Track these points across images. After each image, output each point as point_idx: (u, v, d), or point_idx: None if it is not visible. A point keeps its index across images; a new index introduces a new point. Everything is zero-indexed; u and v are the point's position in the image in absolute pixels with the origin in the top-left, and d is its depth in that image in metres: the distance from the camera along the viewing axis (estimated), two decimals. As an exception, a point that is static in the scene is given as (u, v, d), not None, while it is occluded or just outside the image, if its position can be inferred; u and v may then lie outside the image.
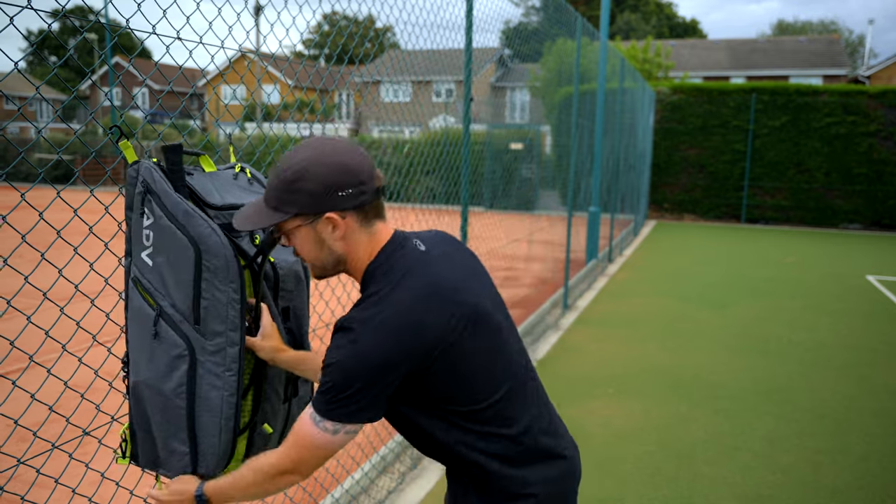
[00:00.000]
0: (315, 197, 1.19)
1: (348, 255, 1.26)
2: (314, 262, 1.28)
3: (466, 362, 1.22)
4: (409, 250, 1.26)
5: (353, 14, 2.88)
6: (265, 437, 1.52)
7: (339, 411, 1.17)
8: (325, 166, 1.19)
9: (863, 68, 28.39)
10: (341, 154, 1.21)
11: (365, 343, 1.14)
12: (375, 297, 1.19)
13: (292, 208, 1.21)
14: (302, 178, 1.19)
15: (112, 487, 2.97)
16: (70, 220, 1.46)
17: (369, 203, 1.23)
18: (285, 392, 1.56)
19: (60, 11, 1.48)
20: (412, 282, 1.20)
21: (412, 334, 1.16)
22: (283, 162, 1.23)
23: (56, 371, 1.56)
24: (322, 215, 1.21)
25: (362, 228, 1.25)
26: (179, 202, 1.32)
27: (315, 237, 1.24)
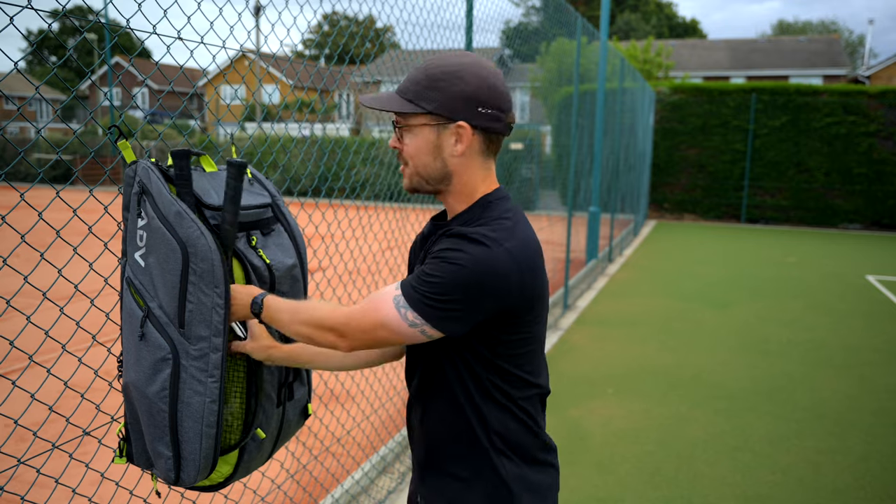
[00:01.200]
0: (456, 101, 1.18)
1: (457, 175, 1.23)
2: (421, 169, 1.24)
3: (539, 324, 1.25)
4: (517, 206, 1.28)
5: (354, 14, 2.88)
6: (259, 443, 1.51)
7: (433, 311, 1.13)
8: (477, 77, 1.18)
9: (863, 68, 28.39)
10: (493, 76, 1.20)
11: (494, 258, 1.12)
12: (505, 225, 1.18)
13: (429, 105, 1.19)
14: (450, 79, 1.18)
15: (112, 487, 2.97)
16: (69, 220, 1.46)
17: (498, 133, 1.23)
18: (279, 396, 1.55)
19: (60, 11, 1.48)
20: (530, 233, 1.23)
21: (531, 272, 1.17)
22: (433, 61, 1.21)
23: (56, 371, 1.56)
24: (454, 122, 1.19)
25: (481, 156, 1.24)
26: (172, 203, 1.31)
27: (435, 142, 1.21)
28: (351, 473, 3.14)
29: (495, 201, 1.24)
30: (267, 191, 1.59)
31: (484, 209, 1.23)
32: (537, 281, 1.20)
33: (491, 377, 1.23)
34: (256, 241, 1.48)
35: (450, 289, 1.12)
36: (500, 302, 1.15)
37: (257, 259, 1.46)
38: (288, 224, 1.59)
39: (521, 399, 1.27)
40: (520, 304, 1.18)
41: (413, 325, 1.14)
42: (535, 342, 1.26)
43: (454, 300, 1.12)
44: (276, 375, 1.53)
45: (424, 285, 1.13)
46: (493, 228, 1.17)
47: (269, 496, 2.97)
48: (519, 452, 1.27)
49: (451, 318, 1.14)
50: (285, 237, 1.56)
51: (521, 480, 1.26)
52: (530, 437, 1.28)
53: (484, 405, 1.24)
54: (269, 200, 1.57)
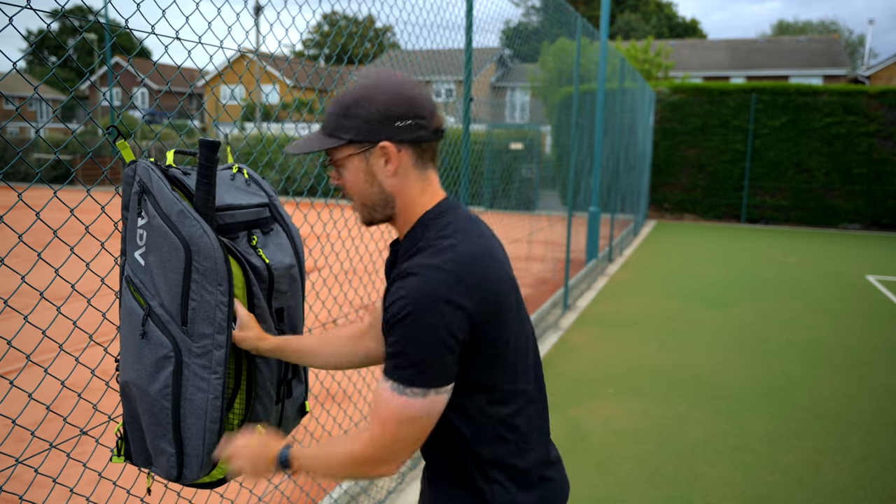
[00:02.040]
0: (371, 123, 1.15)
1: (399, 196, 1.21)
2: (365, 199, 1.22)
3: (507, 338, 1.18)
4: (465, 213, 1.23)
5: (353, 14, 2.88)
6: None
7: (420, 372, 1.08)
8: (386, 94, 1.15)
9: (863, 68, 28.39)
10: (403, 85, 1.17)
11: (439, 286, 1.07)
12: (444, 244, 1.14)
13: (347, 134, 1.17)
14: (360, 103, 1.16)
15: (110, 487, 2.97)
16: (66, 219, 1.46)
17: (426, 141, 1.19)
18: (278, 393, 1.55)
19: (60, 11, 1.48)
20: (475, 241, 1.17)
21: (481, 287, 1.11)
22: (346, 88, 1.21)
23: (53, 371, 1.56)
24: (376, 145, 1.16)
25: (416, 169, 1.20)
26: (175, 202, 1.31)
27: (366, 169, 1.19)
28: (350, 474, 3.14)
29: (434, 218, 1.20)
30: (263, 191, 1.60)
31: (424, 229, 1.19)
32: (491, 289, 1.13)
33: (473, 400, 1.19)
34: (257, 241, 1.48)
35: (416, 342, 1.08)
36: (465, 324, 1.11)
37: (257, 259, 1.46)
38: (286, 224, 1.59)
39: (509, 416, 1.23)
40: (484, 319, 1.13)
41: (424, 395, 1.10)
42: (511, 351, 1.20)
43: (427, 348, 1.08)
44: (274, 372, 1.53)
45: (400, 358, 1.09)
46: (430, 253, 1.13)
47: (266, 496, 2.97)
48: (510, 476, 1.24)
49: (442, 365, 1.10)
50: (283, 237, 1.57)
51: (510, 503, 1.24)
52: (520, 458, 1.25)
53: (471, 433, 1.21)
54: (267, 200, 1.57)
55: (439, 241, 1.15)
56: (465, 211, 1.25)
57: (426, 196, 1.22)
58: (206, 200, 1.34)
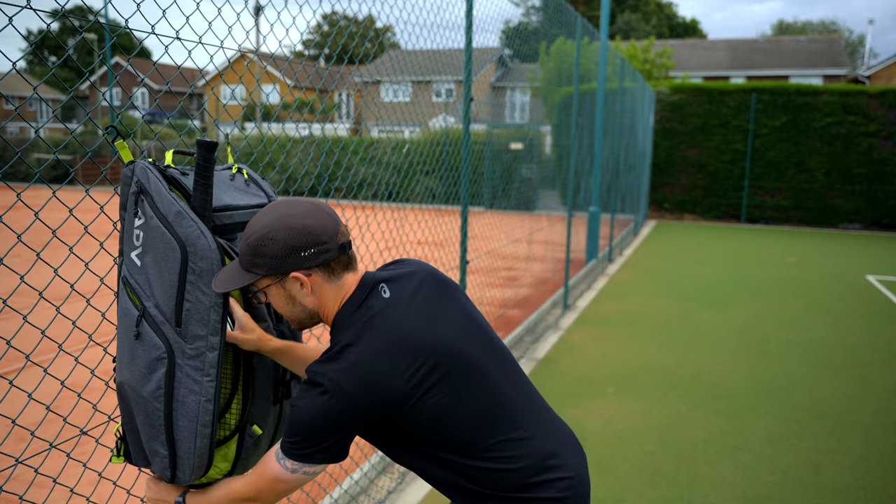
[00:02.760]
0: (278, 259, 1.26)
1: (320, 309, 1.33)
2: (292, 317, 1.34)
3: (442, 405, 1.25)
4: (374, 298, 1.30)
5: (353, 14, 2.88)
6: (255, 439, 1.51)
7: (297, 452, 1.23)
8: (286, 230, 1.25)
9: (863, 68, 28.39)
10: (302, 217, 1.26)
11: (321, 399, 1.20)
12: (336, 349, 1.24)
13: (260, 270, 1.27)
14: (265, 242, 1.25)
15: (110, 487, 2.97)
16: (65, 219, 1.45)
17: (334, 259, 1.29)
18: (275, 393, 1.54)
19: (60, 11, 1.47)
20: (372, 335, 1.25)
21: (367, 392, 1.20)
22: (249, 227, 1.29)
23: (53, 371, 1.56)
24: (288, 275, 1.27)
25: (329, 283, 1.30)
26: (173, 202, 1.31)
27: (286, 294, 1.30)
28: (350, 474, 3.14)
29: (339, 320, 1.30)
30: (263, 191, 1.59)
31: (334, 333, 1.30)
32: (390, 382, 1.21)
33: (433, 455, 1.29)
34: None
35: (303, 432, 1.22)
36: (353, 426, 1.23)
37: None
38: None
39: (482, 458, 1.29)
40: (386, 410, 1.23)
41: (294, 470, 1.25)
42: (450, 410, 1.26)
43: (309, 440, 1.22)
44: (271, 373, 1.53)
45: (286, 434, 1.24)
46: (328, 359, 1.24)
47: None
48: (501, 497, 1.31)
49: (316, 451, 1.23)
50: None
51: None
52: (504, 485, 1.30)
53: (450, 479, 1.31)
54: (266, 200, 1.57)
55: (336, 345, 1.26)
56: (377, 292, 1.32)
57: (340, 298, 1.33)
58: (203, 201, 1.34)
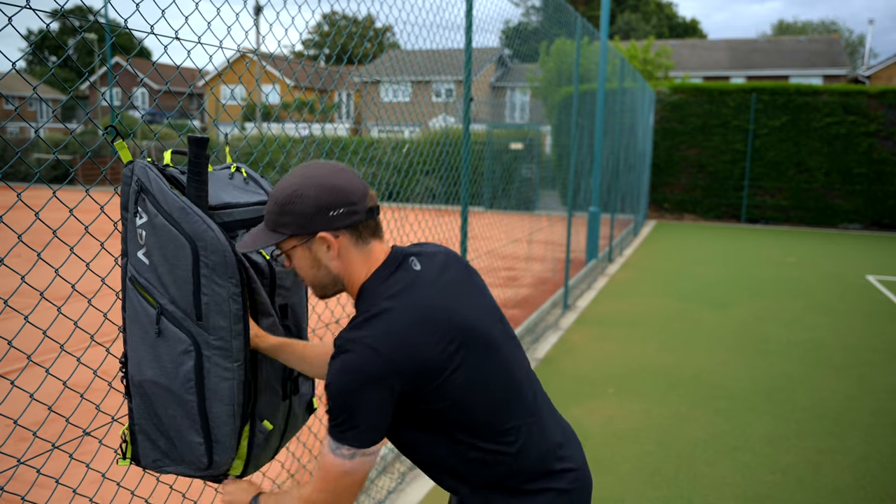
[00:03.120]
0: (306, 217, 1.23)
1: (344, 274, 1.29)
2: (313, 281, 1.31)
3: (465, 386, 1.23)
4: (404, 270, 1.29)
5: (353, 14, 2.88)
6: (266, 435, 1.51)
7: (345, 434, 1.19)
8: (316, 188, 1.23)
9: (863, 68, 28.39)
10: (332, 176, 1.25)
11: (357, 361, 1.16)
12: (367, 315, 1.21)
13: (287, 230, 1.25)
14: (293, 199, 1.23)
15: (113, 488, 2.97)
16: (66, 219, 1.46)
17: (362, 222, 1.27)
18: (284, 388, 1.55)
19: (59, 11, 1.48)
20: (405, 304, 1.22)
21: (404, 356, 1.17)
22: (277, 187, 1.28)
23: (55, 371, 1.56)
24: (315, 235, 1.25)
25: (357, 247, 1.28)
26: (175, 199, 1.31)
27: (311, 257, 1.28)
28: (350, 474, 3.14)
29: (368, 288, 1.27)
30: (262, 189, 1.60)
31: (361, 301, 1.27)
32: (422, 355, 1.19)
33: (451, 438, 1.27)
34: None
35: (340, 410, 1.18)
36: (387, 392, 1.18)
37: (257, 255, 1.47)
38: None
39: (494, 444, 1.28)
40: (416, 383, 1.20)
41: (352, 456, 1.20)
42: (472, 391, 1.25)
43: (349, 416, 1.18)
44: (279, 368, 1.54)
45: (330, 419, 1.20)
46: (358, 325, 1.21)
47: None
48: (506, 488, 1.30)
49: (363, 430, 1.19)
50: None
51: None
52: (516, 473, 1.30)
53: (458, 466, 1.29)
54: (265, 198, 1.57)
55: (367, 311, 1.22)
56: (407, 264, 1.30)
57: (367, 266, 1.30)
58: (197, 198, 1.35)
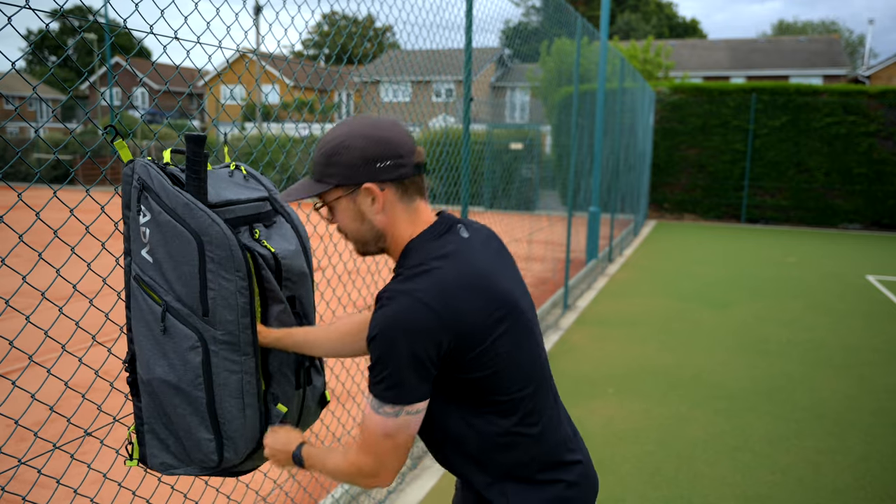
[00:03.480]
0: (353, 168, 1.22)
1: (388, 230, 1.27)
2: (355, 235, 1.29)
3: (502, 358, 1.22)
4: (453, 234, 1.27)
5: (353, 14, 2.88)
6: (281, 419, 1.52)
7: (392, 391, 1.15)
8: (364, 138, 1.22)
9: (863, 68, 28.39)
10: (380, 128, 1.24)
11: (406, 312, 1.14)
12: (417, 271, 1.19)
13: (332, 179, 1.24)
14: (340, 150, 1.23)
15: (114, 487, 2.97)
16: (67, 219, 1.46)
17: (409, 177, 1.25)
18: (297, 377, 1.55)
19: (59, 11, 1.48)
20: (455, 266, 1.20)
21: (453, 315, 1.15)
22: (324, 138, 1.27)
23: (56, 371, 1.57)
24: (361, 186, 1.23)
25: (402, 203, 1.26)
26: (178, 195, 1.32)
27: (355, 209, 1.26)
28: (350, 473, 3.14)
29: (416, 246, 1.25)
30: (263, 185, 1.60)
31: (406, 258, 1.25)
32: (472, 316, 1.17)
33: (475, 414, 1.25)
34: (260, 234, 1.49)
35: (384, 363, 1.14)
36: (433, 348, 1.15)
37: (262, 249, 1.47)
38: (288, 215, 1.60)
39: (515, 425, 1.26)
40: (460, 343, 1.17)
41: (397, 414, 1.17)
42: (509, 368, 1.24)
43: (394, 370, 1.14)
44: (292, 356, 1.54)
45: (372, 375, 1.17)
46: (409, 277, 1.19)
47: (270, 496, 2.97)
48: (519, 477, 1.29)
49: (408, 387, 1.16)
50: (287, 228, 1.58)
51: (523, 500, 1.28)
52: (531, 460, 1.29)
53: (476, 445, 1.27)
54: (266, 194, 1.58)
55: (416, 267, 1.20)
56: (456, 229, 1.28)
57: (413, 226, 1.28)
58: (196, 196, 1.35)
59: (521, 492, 1.28)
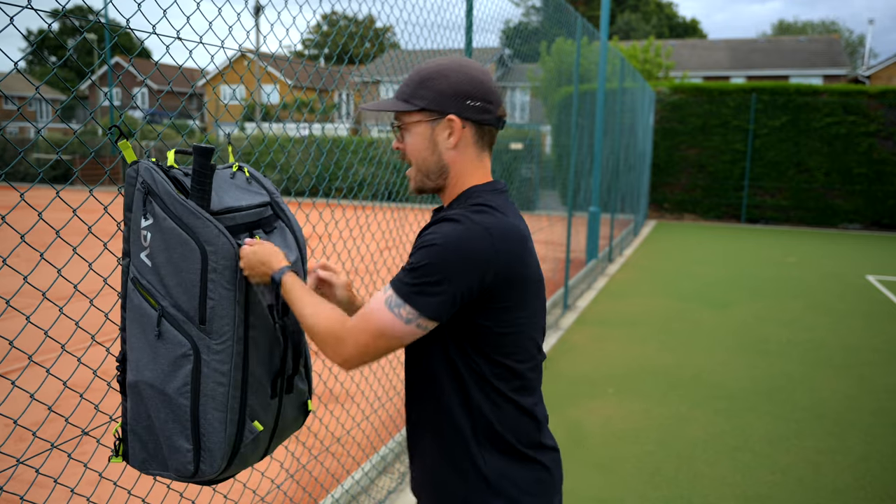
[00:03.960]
0: (444, 96, 1.25)
1: (453, 167, 1.29)
2: (421, 164, 1.30)
3: (523, 322, 1.25)
4: (508, 197, 1.32)
5: (353, 14, 2.88)
6: (255, 435, 1.51)
7: (422, 297, 1.16)
8: (462, 74, 1.26)
9: (863, 68, 28.39)
10: (479, 72, 1.27)
11: (467, 231, 1.16)
12: (485, 210, 1.22)
13: (420, 102, 1.26)
14: (436, 76, 1.25)
15: (110, 487, 2.97)
16: (69, 220, 1.46)
17: (489, 124, 1.29)
18: (273, 387, 1.54)
19: (60, 11, 1.48)
20: (515, 220, 1.25)
21: (507, 255, 1.19)
22: (423, 64, 1.29)
23: (55, 371, 1.57)
24: (445, 116, 1.25)
25: (475, 147, 1.29)
26: (184, 203, 1.32)
27: (430, 137, 1.28)
28: (351, 473, 3.14)
29: (481, 192, 1.28)
30: (265, 189, 1.60)
31: (468, 197, 1.28)
32: (517, 266, 1.21)
33: (477, 368, 1.24)
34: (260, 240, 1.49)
35: (431, 269, 1.15)
36: (478, 277, 1.17)
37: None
38: (288, 221, 1.60)
39: (511, 391, 1.27)
40: (498, 286, 1.19)
41: (409, 321, 1.17)
42: (522, 334, 1.26)
43: (437, 280, 1.15)
44: (267, 366, 1.52)
45: (409, 275, 1.17)
46: (470, 210, 1.22)
47: (268, 496, 2.97)
48: (503, 446, 1.27)
49: (438, 300, 1.16)
50: (287, 234, 1.57)
51: (502, 474, 1.27)
52: (518, 432, 1.29)
53: (470, 399, 1.26)
54: (268, 199, 1.57)
55: (481, 206, 1.24)
56: (511, 201, 1.32)
57: (478, 174, 1.31)
58: (200, 206, 1.35)
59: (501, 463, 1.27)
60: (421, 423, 1.34)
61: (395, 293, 1.18)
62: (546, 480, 1.32)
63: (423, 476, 1.35)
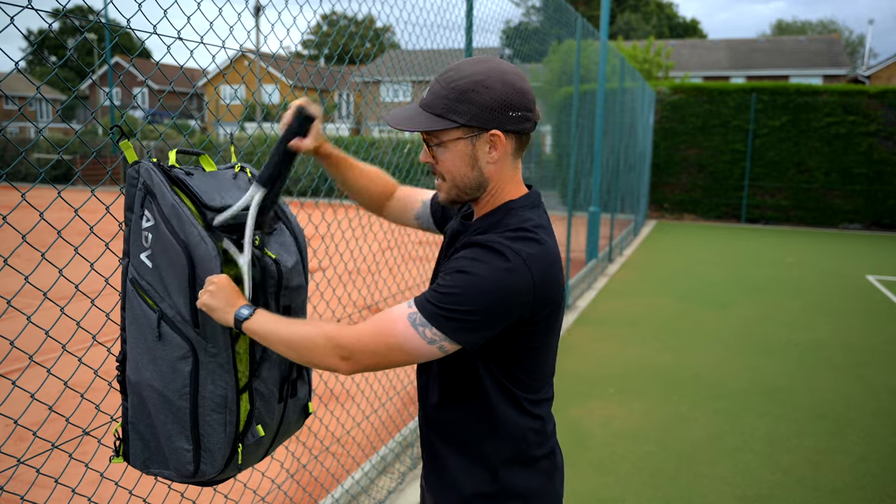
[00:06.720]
0: (488, 110, 1.16)
1: (492, 181, 1.23)
2: (459, 181, 1.22)
3: (549, 331, 1.24)
4: (542, 210, 1.27)
5: (353, 14, 2.88)
6: (257, 440, 1.51)
7: (453, 323, 1.11)
8: (504, 83, 1.16)
9: (863, 68, 28.38)
10: (517, 76, 1.19)
11: (515, 277, 1.11)
12: (524, 234, 1.16)
13: (461, 118, 1.16)
14: (479, 88, 1.15)
15: (112, 487, 2.97)
16: (71, 219, 1.46)
17: (527, 133, 1.22)
18: (281, 392, 1.54)
19: (61, 11, 1.48)
20: (552, 243, 1.20)
21: (543, 290, 1.15)
22: (455, 71, 1.18)
23: (56, 371, 1.57)
24: (487, 131, 1.17)
25: (513, 158, 1.23)
26: (174, 206, 1.32)
27: (470, 153, 1.20)
28: (351, 473, 3.15)
29: (519, 209, 1.22)
30: None
31: (506, 215, 1.21)
32: (551, 292, 1.18)
33: (497, 377, 1.24)
34: (260, 241, 1.49)
35: (470, 300, 1.10)
36: (515, 312, 1.14)
37: (265, 257, 1.47)
38: (289, 221, 1.60)
39: (526, 400, 1.28)
40: (532, 316, 1.18)
41: (432, 341, 1.12)
42: (546, 351, 1.27)
43: (473, 311, 1.11)
44: (277, 371, 1.53)
45: (443, 299, 1.12)
46: (511, 237, 1.15)
47: (269, 496, 2.98)
48: (517, 453, 1.29)
49: (471, 329, 1.12)
50: (287, 235, 1.57)
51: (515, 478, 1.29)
52: (529, 439, 1.29)
53: (487, 404, 1.26)
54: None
55: (522, 231, 1.17)
56: (544, 209, 1.28)
57: (514, 185, 1.25)
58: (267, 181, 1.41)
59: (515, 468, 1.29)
60: (436, 425, 1.34)
61: (419, 312, 1.13)
62: (550, 486, 1.35)
63: (436, 479, 1.36)
